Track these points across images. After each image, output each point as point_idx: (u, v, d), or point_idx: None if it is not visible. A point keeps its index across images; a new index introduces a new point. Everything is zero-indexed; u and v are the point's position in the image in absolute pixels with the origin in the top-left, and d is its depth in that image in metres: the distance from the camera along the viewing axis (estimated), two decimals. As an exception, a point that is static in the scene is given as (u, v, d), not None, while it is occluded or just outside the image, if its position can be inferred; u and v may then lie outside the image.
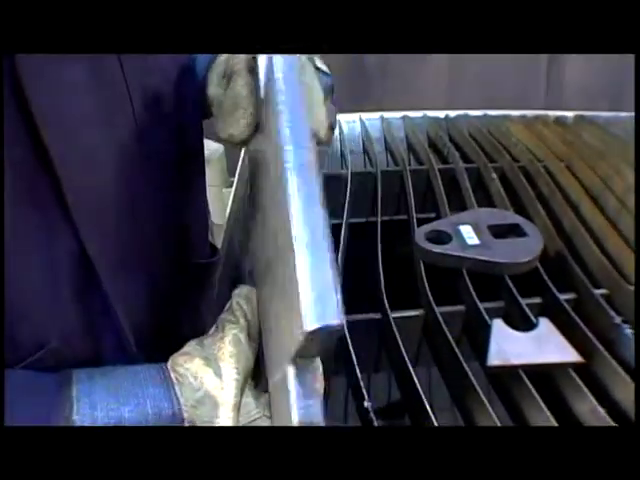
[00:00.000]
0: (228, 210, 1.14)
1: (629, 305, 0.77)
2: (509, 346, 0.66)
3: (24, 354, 0.43)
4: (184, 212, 0.59)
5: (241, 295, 0.50)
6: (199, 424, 0.43)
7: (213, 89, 0.50)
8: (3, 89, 0.37)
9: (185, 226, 0.60)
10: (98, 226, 0.46)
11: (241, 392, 0.44)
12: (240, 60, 0.48)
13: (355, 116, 1.44)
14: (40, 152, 0.40)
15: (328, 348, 0.37)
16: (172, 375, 0.44)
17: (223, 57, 0.50)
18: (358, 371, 0.68)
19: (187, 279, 0.61)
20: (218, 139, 0.49)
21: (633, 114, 1.38)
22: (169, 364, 0.45)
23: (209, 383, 0.43)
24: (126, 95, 0.47)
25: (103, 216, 0.46)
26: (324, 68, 0.52)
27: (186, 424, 0.42)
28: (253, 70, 0.47)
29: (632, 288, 0.79)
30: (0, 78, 0.36)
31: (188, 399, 0.43)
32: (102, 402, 0.41)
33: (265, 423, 0.45)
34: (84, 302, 0.47)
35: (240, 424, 0.44)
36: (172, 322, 0.59)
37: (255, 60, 0.45)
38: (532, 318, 0.72)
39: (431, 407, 0.61)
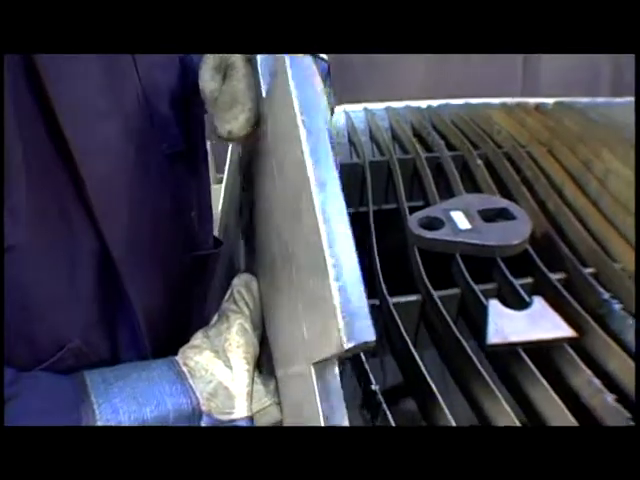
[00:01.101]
0: (220, 203, 1.15)
1: (615, 282, 0.80)
2: (506, 325, 0.69)
3: (44, 356, 0.44)
4: (192, 204, 0.60)
5: (241, 284, 0.51)
6: (216, 415, 0.44)
7: (207, 84, 0.48)
8: (3, 88, 0.37)
9: (193, 217, 0.61)
10: (118, 223, 0.47)
11: (252, 381, 0.46)
12: (236, 56, 0.47)
13: (339, 108, 1.46)
14: (59, 145, 0.40)
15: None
16: (184, 369, 0.45)
17: (209, 55, 0.50)
18: (363, 356, 0.70)
19: (195, 270, 0.62)
20: (216, 136, 0.48)
21: (609, 99, 1.42)
22: (179, 358, 0.46)
23: (220, 375, 0.45)
24: (139, 88, 0.48)
25: (122, 213, 0.47)
26: (321, 54, 0.53)
27: (204, 418, 0.43)
28: (250, 61, 0.46)
29: (617, 266, 0.82)
30: (0, 77, 0.37)
31: (202, 391, 0.44)
32: (123, 405, 0.41)
33: (276, 410, 0.47)
34: (104, 299, 0.48)
35: (253, 412, 0.46)
36: (183, 314, 0.60)
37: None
38: (526, 297, 0.75)
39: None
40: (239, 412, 0.44)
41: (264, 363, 0.50)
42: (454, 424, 0.59)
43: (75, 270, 0.45)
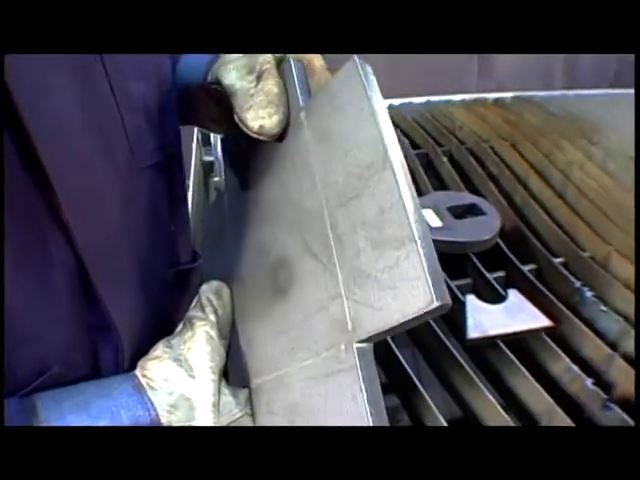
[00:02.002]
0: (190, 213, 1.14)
1: (585, 270, 0.83)
2: (484, 319, 0.71)
3: (24, 383, 0.42)
4: (172, 218, 0.59)
5: (211, 290, 0.50)
6: None
7: (239, 82, 0.48)
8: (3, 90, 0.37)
9: (173, 232, 0.60)
10: (94, 240, 0.45)
11: (218, 391, 0.44)
12: (269, 60, 0.48)
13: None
14: (31, 161, 0.39)
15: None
16: (143, 381, 0.43)
17: (234, 56, 0.50)
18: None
19: (178, 286, 0.61)
20: (239, 129, 0.48)
21: (565, 92, 1.46)
22: (138, 370, 0.44)
23: (182, 385, 0.43)
24: (112, 101, 0.47)
25: (98, 230, 0.46)
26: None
27: None
28: (279, 67, 0.48)
29: (586, 254, 0.85)
30: (0, 81, 0.36)
31: (162, 403, 0.42)
32: (75, 421, 0.40)
33: (248, 421, 0.45)
34: (84, 320, 0.46)
35: (222, 424, 0.44)
36: (167, 331, 0.59)
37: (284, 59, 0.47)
38: (501, 291, 0.77)
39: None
40: (200, 424, 0.42)
41: (229, 375, 0.49)
42: (440, 417, 0.60)
43: (51, 292, 0.43)
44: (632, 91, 1.43)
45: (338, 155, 0.42)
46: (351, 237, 0.39)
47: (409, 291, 0.33)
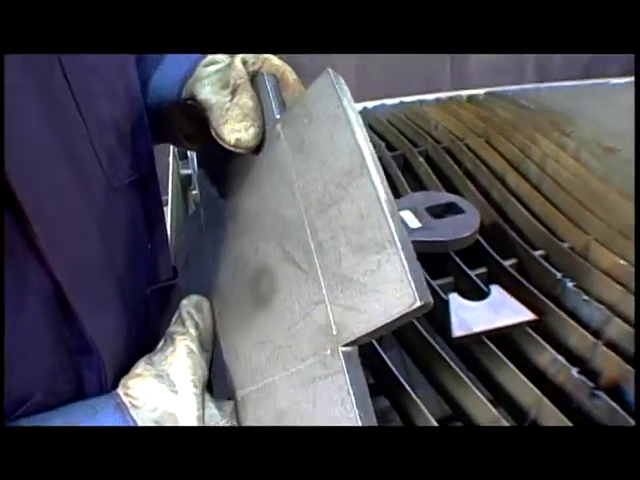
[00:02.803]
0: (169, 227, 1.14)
1: (565, 261, 0.83)
2: (468, 316, 0.71)
3: (7, 413, 0.41)
4: (150, 236, 0.59)
5: (190, 304, 0.49)
6: None
7: (210, 95, 0.50)
8: (3, 89, 0.36)
9: (151, 250, 0.60)
10: (69, 263, 0.45)
11: (202, 405, 0.43)
12: (243, 74, 0.49)
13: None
14: (1, 188, 0.39)
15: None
16: (125, 400, 0.42)
17: (208, 71, 0.51)
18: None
19: (159, 303, 0.61)
20: (215, 143, 0.49)
21: (536, 85, 1.48)
22: (120, 389, 0.44)
23: (166, 401, 0.42)
24: (80, 121, 0.46)
25: (73, 252, 0.45)
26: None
27: None
28: (253, 81, 0.49)
29: (565, 245, 0.85)
30: (0, 86, 0.36)
31: (145, 420, 0.41)
32: None
33: None
34: (65, 345, 0.45)
35: None
36: (147, 347, 0.58)
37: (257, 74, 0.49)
38: (483, 287, 0.77)
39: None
40: None
41: (214, 388, 0.49)
42: (430, 417, 0.61)
43: (28, 321, 0.42)
44: (602, 81, 1.45)
45: (316, 164, 0.43)
46: (332, 243, 0.40)
47: (392, 293, 0.34)
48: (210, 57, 0.53)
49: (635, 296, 0.71)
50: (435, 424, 0.60)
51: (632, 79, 1.47)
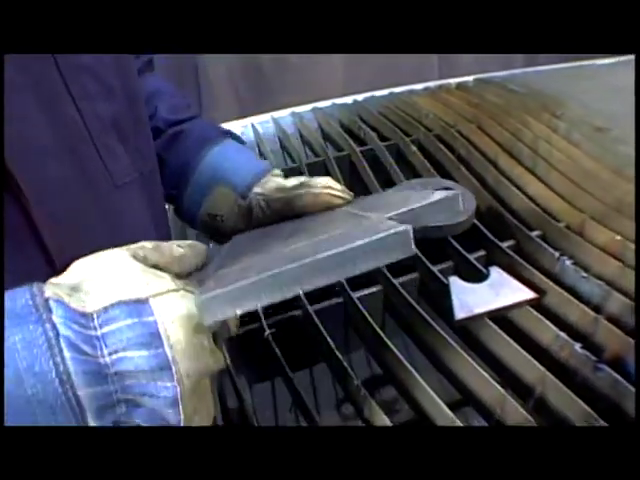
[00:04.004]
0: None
1: (562, 240, 0.84)
2: (470, 298, 0.71)
3: None
4: (151, 234, 0.60)
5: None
6: (66, 300, 0.32)
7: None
8: (3, 89, 0.37)
9: None
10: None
11: (139, 267, 0.36)
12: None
13: (267, 116, 1.47)
14: (8, 186, 0.40)
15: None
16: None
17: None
18: (339, 354, 0.71)
19: None
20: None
21: (525, 70, 1.48)
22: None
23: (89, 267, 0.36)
24: (80, 121, 0.47)
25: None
26: None
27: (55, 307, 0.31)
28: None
29: (561, 224, 0.86)
30: (1, 83, 0.36)
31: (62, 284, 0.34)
32: None
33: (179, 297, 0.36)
34: None
35: (147, 295, 0.34)
36: None
37: None
38: (483, 270, 0.78)
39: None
40: (102, 298, 0.32)
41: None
42: (440, 402, 0.61)
43: None
44: (588, 62, 1.46)
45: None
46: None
47: None
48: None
49: (636, 296, 0.72)
50: (446, 409, 0.61)
51: (617, 59, 1.48)
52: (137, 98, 0.55)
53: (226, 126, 1.44)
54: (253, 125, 1.41)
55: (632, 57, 1.45)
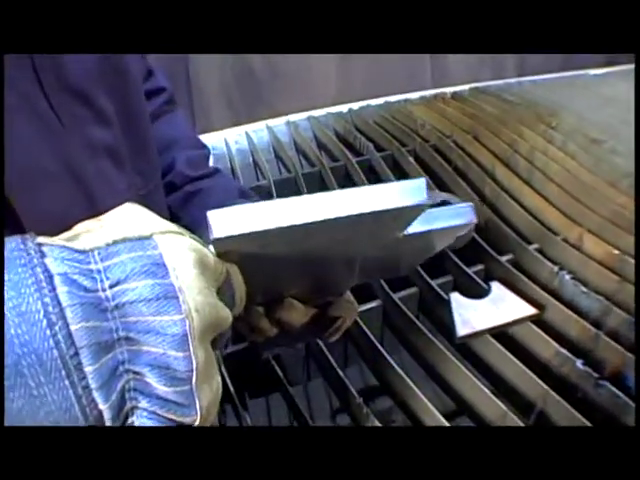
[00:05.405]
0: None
1: (560, 253, 0.84)
2: (471, 315, 0.72)
3: None
4: None
5: None
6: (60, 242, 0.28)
7: None
8: (3, 88, 0.36)
9: None
10: None
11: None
12: None
13: (261, 124, 1.47)
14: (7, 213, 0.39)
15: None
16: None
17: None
18: (338, 368, 0.71)
19: None
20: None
21: (519, 79, 1.49)
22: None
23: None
24: (78, 145, 0.46)
25: None
26: None
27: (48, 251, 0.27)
28: None
29: (558, 238, 0.87)
30: (0, 77, 0.36)
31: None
32: None
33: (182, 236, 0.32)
34: None
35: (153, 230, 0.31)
36: None
37: None
38: (482, 284, 0.78)
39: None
40: (102, 237, 0.29)
41: None
42: (435, 411, 0.61)
43: None
44: (582, 72, 1.47)
45: None
46: None
47: None
48: None
49: (635, 295, 0.72)
50: (442, 419, 0.61)
51: (611, 70, 1.50)
52: (137, 121, 0.55)
53: (221, 135, 1.46)
54: (247, 134, 1.40)
55: (624, 67, 1.47)
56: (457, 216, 0.39)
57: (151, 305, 0.28)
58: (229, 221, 0.30)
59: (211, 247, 0.33)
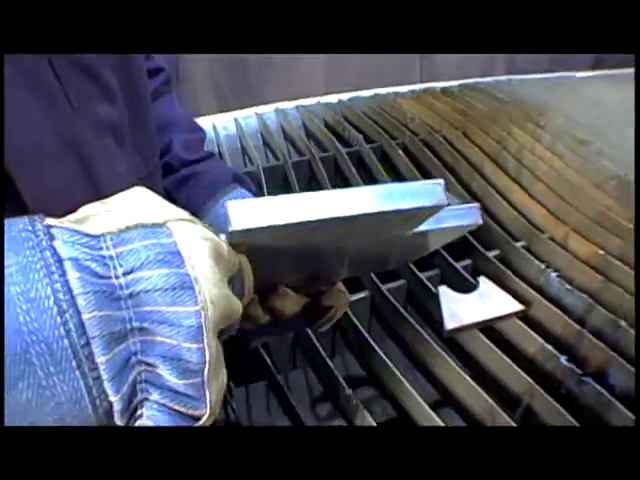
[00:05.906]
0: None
1: (546, 251, 0.86)
2: (459, 308, 0.73)
3: None
4: None
5: None
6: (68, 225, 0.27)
7: None
8: (3, 88, 0.36)
9: None
10: None
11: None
12: None
13: (250, 111, 1.46)
14: (11, 194, 0.39)
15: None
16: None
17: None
18: (327, 358, 0.71)
19: None
20: None
21: (509, 77, 1.50)
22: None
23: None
24: (84, 126, 0.46)
25: None
26: None
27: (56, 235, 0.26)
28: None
29: (545, 236, 0.88)
30: (0, 83, 0.36)
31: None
32: None
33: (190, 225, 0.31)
34: None
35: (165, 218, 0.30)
36: None
37: None
38: (470, 279, 0.79)
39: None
40: (114, 222, 0.28)
41: None
42: (420, 399, 0.62)
43: None
44: (569, 74, 1.49)
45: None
46: None
47: None
48: None
49: (636, 296, 0.73)
50: (428, 409, 0.62)
51: (597, 73, 1.52)
52: (139, 99, 0.54)
53: (209, 120, 1.44)
54: (236, 120, 1.39)
55: (610, 72, 1.49)
56: (463, 217, 0.39)
57: (166, 295, 0.27)
58: (249, 213, 0.30)
59: (222, 236, 0.33)
